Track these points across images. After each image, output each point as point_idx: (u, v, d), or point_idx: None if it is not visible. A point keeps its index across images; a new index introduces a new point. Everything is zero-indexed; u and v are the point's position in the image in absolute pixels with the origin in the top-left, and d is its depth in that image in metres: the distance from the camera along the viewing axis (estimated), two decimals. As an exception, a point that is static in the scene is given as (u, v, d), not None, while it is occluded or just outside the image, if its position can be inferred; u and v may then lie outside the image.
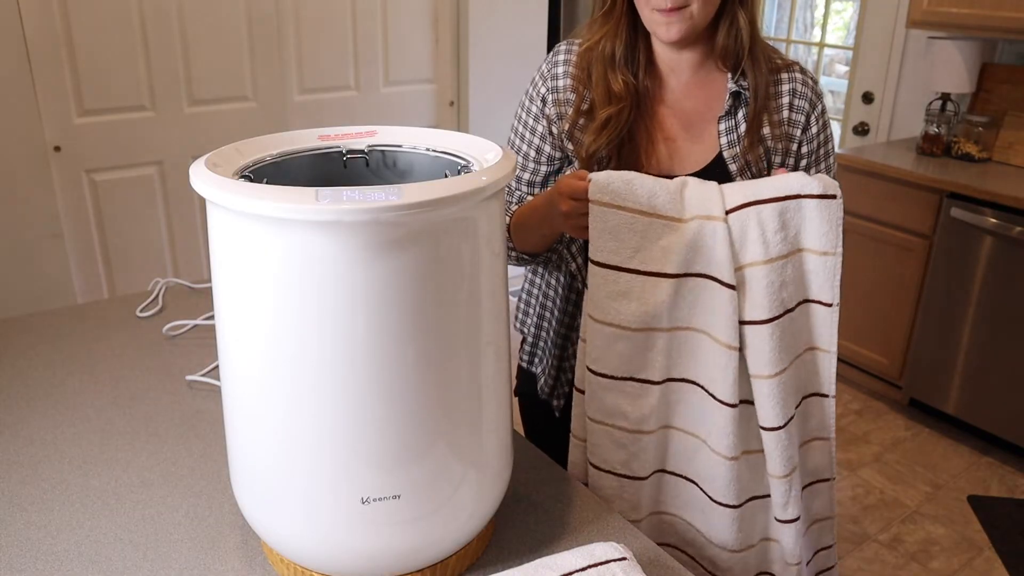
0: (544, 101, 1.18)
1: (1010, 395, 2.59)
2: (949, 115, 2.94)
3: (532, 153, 1.19)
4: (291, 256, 0.69)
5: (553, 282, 1.25)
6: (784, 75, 1.14)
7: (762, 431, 1.03)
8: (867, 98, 3.36)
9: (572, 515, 0.96)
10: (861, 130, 3.41)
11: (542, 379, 1.30)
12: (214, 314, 0.80)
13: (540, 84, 1.18)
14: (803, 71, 1.16)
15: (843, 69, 4.18)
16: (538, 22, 3.35)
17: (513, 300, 1.36)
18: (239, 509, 0.89)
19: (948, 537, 2.33)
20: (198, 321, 1.40)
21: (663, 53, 1.14)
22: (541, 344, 1.30)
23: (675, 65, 1.14)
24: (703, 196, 0.99)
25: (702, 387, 1.03)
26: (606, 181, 0.97)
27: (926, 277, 2.75)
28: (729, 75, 1.12)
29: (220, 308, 0.78)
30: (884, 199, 2.81)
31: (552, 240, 1.14)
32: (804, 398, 1.08)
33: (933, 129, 2.95)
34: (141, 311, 1.45)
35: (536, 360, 1.33)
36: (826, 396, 1.08)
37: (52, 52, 2.41)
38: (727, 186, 1.00)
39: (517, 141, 1.21)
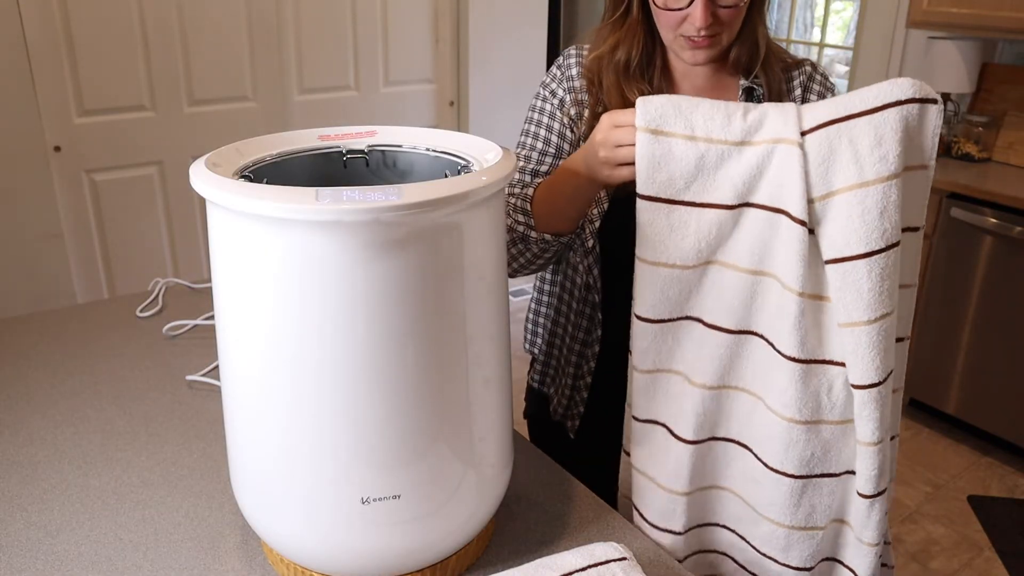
0: (562, 102, 1.16)
1: (1010, 395, 2.59)
2: (949, 115, 2.94)
3: (551, 150, 1.17)
4: (291, 256, 0.69)
5: (567, 296, 1.22)
6: (795, 72, 1.16)
7: (855, 391, 0.88)
8: (867, 98, 3.36)
9: (572, 515, 0.96)
10: (861, 130, 3.41)
11: (555, 400, 1.27)
12: (214, 314, 0.80)
13: (555, 85, 1.17)
14: (813, 67, 1.18)
15: (843, 69, 4.17)
16: (538, 22, 3.34)
17: (521, 320, 1.35)
18: (239, 509, 0.89)
19: (948, 537, 2.33)
20: (198, 321, 1.40)
21: (679, 64, 1.14)
22: (554, 363, 1.27)
23: (689, 72, 1.14)
24: (774, 116, 0.87)
25: (765, 339, 0.92)
26: (656, 104, 0.88)
27: (926, 277, 2.75)
28: (742, 77, 1.14)
29: (220, 308, 0.78)
30: (884, 199, 2.81)
31: (584, 205, 1.06)
32: None
33: (933, 129, 2.94)
34: (141, 311, 1.45)
35: (549, 380, 1.30)
36: (903, 340, 0.95)
37: (52, 52, 2.41)
38: (808, 106, 0.88)
39: (530, 141, 1.18)
